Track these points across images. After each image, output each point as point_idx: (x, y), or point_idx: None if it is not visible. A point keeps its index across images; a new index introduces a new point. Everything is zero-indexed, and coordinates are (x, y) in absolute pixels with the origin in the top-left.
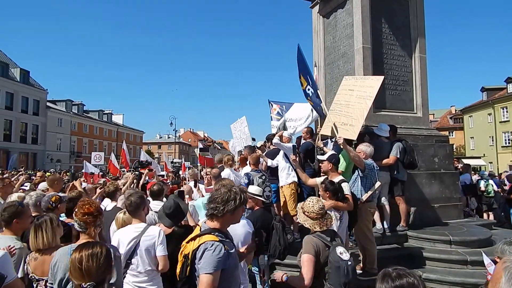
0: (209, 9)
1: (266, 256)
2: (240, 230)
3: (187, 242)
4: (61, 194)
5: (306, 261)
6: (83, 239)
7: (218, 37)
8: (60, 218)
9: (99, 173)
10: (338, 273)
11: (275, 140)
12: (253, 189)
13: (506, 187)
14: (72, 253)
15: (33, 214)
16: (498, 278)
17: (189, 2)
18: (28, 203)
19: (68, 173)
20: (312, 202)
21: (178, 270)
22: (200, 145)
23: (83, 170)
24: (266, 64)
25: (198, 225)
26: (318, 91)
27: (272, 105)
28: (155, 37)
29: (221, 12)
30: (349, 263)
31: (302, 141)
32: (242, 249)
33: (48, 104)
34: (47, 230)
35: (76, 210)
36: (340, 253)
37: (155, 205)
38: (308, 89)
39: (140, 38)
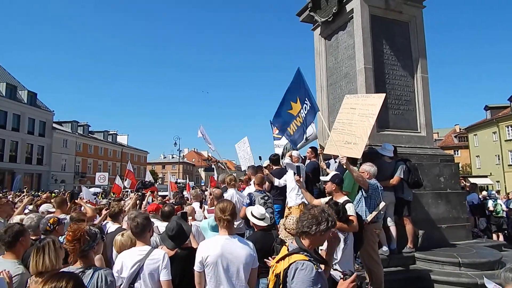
0: (214, 23)
1: (266, 278)
2: (240, 252)
3: (277, 262)
4: (60, 216)
5: None
6: (78, 263)
7: (223, 54)
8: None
9: (98, 194)
10: None
11: (287, 160)
12: (256, 211)
13: None
14: (39, 284)
15: (32, 237)
16: None
17: (192, 17)
18: (30, 225)
19: (68, 193)
20: (293, 220)
21: None
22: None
23: (82, 196)
24: (271, 82)
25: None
26: (318, 112)
27: (273, 126)
28: (161, 53)
29: (230, 27)
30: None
31: (307, 161)
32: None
33: (54, 125)
34: (50, 253)
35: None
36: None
37: (164, 227)
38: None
39: (146, 54)
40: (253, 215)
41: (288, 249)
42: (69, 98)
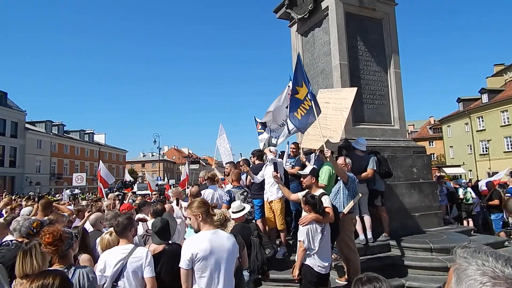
0: (191, 17)
1: (247, 270)
2: (227, 243)
3: None
4: (42, 219)
5: None
6: (56, 264)
7: (202, 48)
8: None
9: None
10: None
11: (271, 156)
12: (234, 206)
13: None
14: (25, 283)
15: (19, 240)
16: (450, 279)
17: (168, 12)
18: (16, 228)
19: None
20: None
21: None
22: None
23: (63, 200)
24: (252, 77)
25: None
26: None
27: (257, 122)
28: (136, 48)
29: (207, 20)
30: None
31: (285, 155)
32: None
33: (27, 125)
34: (36, 255)
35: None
36: None
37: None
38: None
39: (120, 50)
40: (233, 212)
41: None
42: (42, 97)
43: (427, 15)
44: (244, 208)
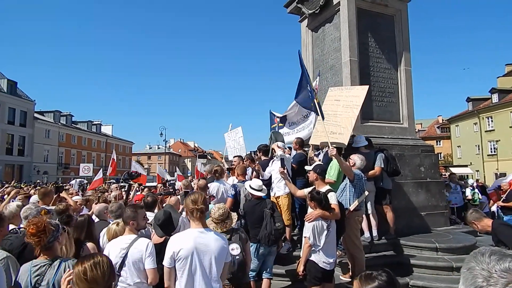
0: (201, 8)
1: (254, 243)
2: (214, 245)
3: None
4: (48, 207)
5: None
6: (40, 256)
7: (211, 40)
8: None
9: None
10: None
11: (280, 152)
12: (254, 183)
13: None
14: (74, 267)
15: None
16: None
17: (182, 2)
18: (28, 216)
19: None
20: (215, 209)
21: None
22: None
23: (72, 189)
24: (260, 69)
25: None
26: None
27: (274, 116)
28: (144, 39)
29: (216, 12)
30: (237, 257)
31: (293, 151)
32: None
33: (36, 115)
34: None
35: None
36: (232, 249)
37: (148, 216)
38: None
39: (130, 41)
40: (251, 187)
41: None
42: (52, 87)
43: (438, 14)
44: (262, 190)
